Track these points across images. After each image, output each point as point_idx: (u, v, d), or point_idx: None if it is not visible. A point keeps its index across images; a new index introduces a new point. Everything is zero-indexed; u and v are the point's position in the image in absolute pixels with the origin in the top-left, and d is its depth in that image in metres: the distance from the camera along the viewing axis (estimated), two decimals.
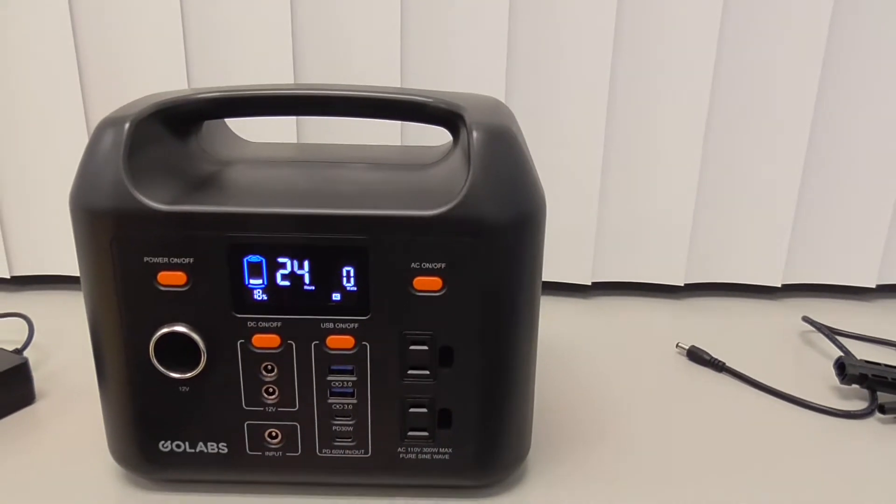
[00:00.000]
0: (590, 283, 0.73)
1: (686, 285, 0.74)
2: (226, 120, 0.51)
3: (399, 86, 0.67)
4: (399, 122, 0.67)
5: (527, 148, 0.41)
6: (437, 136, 0.49)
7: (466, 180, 0.39)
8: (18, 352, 0.56)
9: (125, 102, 0.49)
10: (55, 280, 0.73)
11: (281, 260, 0.40)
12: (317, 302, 0.40)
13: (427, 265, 0.39)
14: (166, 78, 0.65)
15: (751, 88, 0.68)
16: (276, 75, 0.65)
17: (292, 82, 0.65)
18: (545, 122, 0.68)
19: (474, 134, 0.39)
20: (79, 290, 0.71)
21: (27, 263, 0.72)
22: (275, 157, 0.48)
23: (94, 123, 0.66)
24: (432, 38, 0.66)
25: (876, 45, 0.67)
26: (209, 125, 0.47)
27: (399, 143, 0.68)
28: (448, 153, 0.45)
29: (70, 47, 0.64)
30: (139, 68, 0.66)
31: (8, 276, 0.71)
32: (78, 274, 0.70)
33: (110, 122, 0.40)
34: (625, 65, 0.67)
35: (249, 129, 0.52)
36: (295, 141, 0.67)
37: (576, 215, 0.71)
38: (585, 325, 0.69)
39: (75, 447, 0.49)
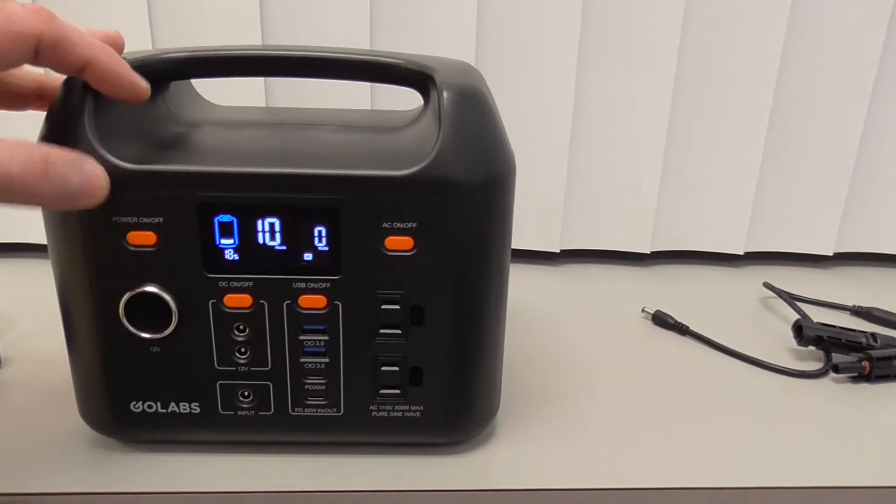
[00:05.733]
0: (558, 251, 0.74)
1: (652, 253, 0.76)
2: (193, 81, 0.50)
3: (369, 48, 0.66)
4: (369, 86, 0.67)
5: (497, 109, 0.42)
6: (408, 102, 0.50)
7: (437, 141, 0.39)
8: None
9: None
10: (12, 248, 0.72)
11: (252, 220, 0.40)
12: (289, 262, 0.40)
13: (398, 225, 0.40)
14: (128, 38, 0.64)
15: (715, 64, 0.69)
16: (242, 37, 0.64)
17: (260, 43, 0.64)
18: (514, 91, 0.69)
19: (444, 95, 0.40)
20: (39, 258, 0.71)
21: None
22: (243, 119, 0.48)
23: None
24: (402, 2, 0.66)
25: (836, 18, 0.68)
26: (176, 86, 0.46)
27: (369, 108, 0.68)
28: (418, 116, 0.46)
29: None
30: (101, 25, 0.64)
31: None
32: (37, 241, 0.70)
33: (75, 79, 0.39)
34: (593, 37, 0.68)
35: (218, 92, 0.51)
36: (264, 104, 0.67)
37: (545, 184, 0.72)
38: (554, 291, 0.70)
39: (43, 412, 0.48)
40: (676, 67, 0.68)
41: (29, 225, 0.70)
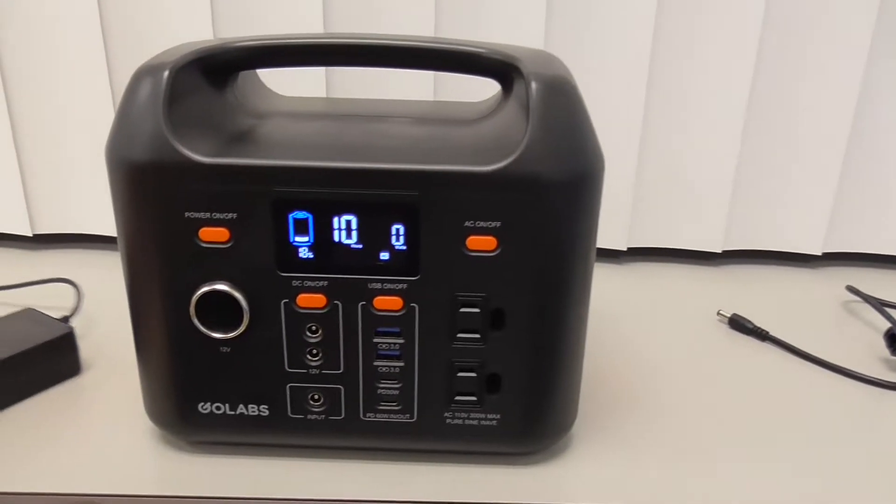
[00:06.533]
0: (625, 249, 0.71)
1: (723, 252, 0.72)
2: (258, 72, 0.48)
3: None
4: (433, 75, 0.64)
5: (584, 102, 0.39)
6: (474, 92, 0.47)
7: (525, 134, 0.37)
8: (65, 320, 0.54)
9: (147, 51, 0.46)
10: (76, 239, 0.71)
11: (328, 216, 0.38)
12: (364, 261, 0.39)
13: (481, 224, 0.37)
14: (191, 25, 0.63)
15: (797, 53, 0.65)
16: (304, 19, 0.62)
17: (322, 28, 0.62)
18: (583, 81, 0.65)
19: (533, 85, 0.37)
20: (106, 249, 0.70)
21: (50, 221, 0.70)
22: (313, 111, 0.46)
23: (117, 72, 0.64)
24: None
25: None
26: (243, 77, 0.45)
27: (433, 98, 0.66)
28: (497, 107, 0.43)
29: None
30: (162, 16, 0.63)
31: (30, 234, 0.70)
32: (103, 233, 0.69)
33: (148, 70, 0.37)
34: (668, 24, 0.64)
35: (278, 82, 0.50)
36: (324, 91, 0.65)
37: (612, 178, 0.68)
38: (622, 291, 0.67)
39: (117, 413, 0.47)
40: (756, 59, 0.64)
41: (89, 215, 0.70)
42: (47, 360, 0.49)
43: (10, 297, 0.59)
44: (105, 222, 0.70)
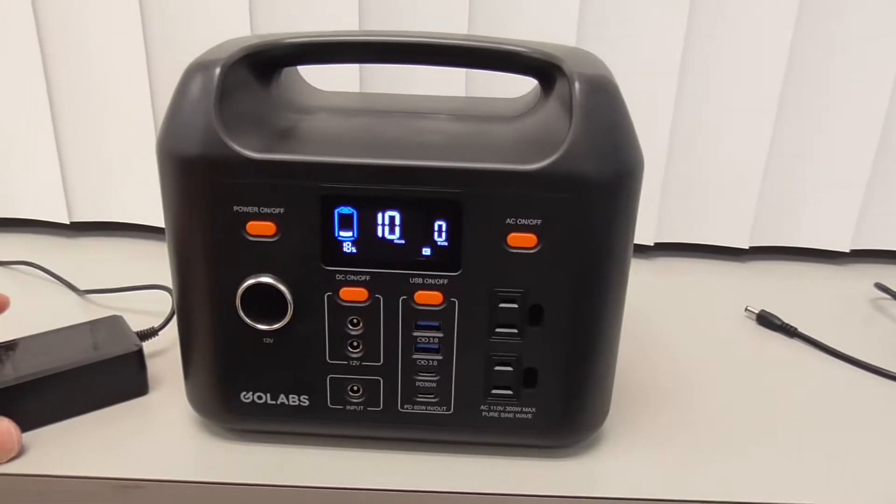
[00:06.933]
0: (652, 244, 0.72)
1: (750, 248, 0.72)
2: (298, 67, 0.49)
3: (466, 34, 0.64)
4: (465, 71, 0.65)
5: (625, 101, 0.40)
6: (503, 89, 0.47)
7: (568, 133, 0.37)
8: (146, 335, 0.50)
9: (186, 43, 0.46)
10: (112, 227, 0.73)
11: (372, 212, 0.39)
12: (407, 256, 0.39)
13: (523, 221, 0.38)
14: (229, 21, 0.63)
15: (828, 50, 0.65)
16: (339, 16, 0.63)
17: (357, 25, 0.63)
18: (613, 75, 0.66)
19: (577, 85, 0.38)
20: (144, 238, 0.71)
21: (86, 209, 0.71)
22: (355, 107, 0.47)
23: (155, 63, 0.65)
24: None
25: None
26: (285, 73, 0.46)
27: (465, 95, 0.66)
28: (536, 104, 0.44)
29: None
30: (201, 10, 0.64)
31: (67, 222, 0.71)
32: (140, 221, 0.70)
33: (200, 66, 0.38)
34: (699, 21, 0.64)
35: (312, 76, 0.50)
36: (357, 89, 0.66)
37: None
38: (649, 287, 0.67)
39: (160, 402, 0.48)
40: (786, 56, 0.64)
41: (123, 204, 0.71)
42: (111, 377, 0.47)
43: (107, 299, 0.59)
44: (142, 211, 0.71)
